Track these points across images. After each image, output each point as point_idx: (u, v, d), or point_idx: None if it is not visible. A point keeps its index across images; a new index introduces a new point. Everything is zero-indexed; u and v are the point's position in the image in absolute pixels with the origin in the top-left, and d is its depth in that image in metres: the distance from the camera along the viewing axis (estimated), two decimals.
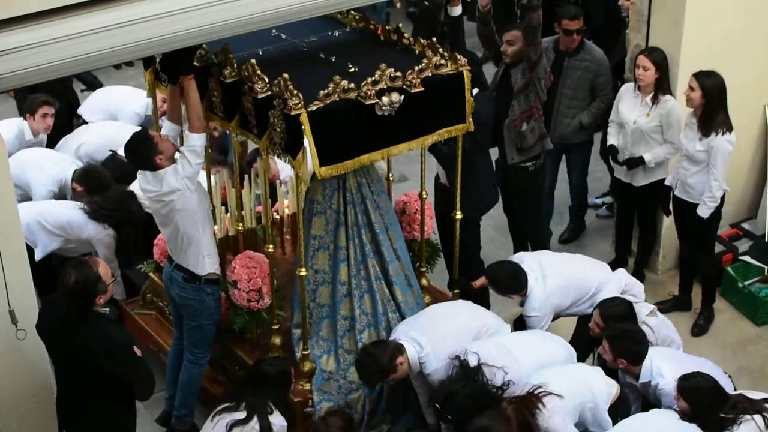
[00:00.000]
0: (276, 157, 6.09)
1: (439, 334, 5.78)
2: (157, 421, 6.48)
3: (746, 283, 7.58)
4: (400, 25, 5.97)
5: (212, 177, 6.45)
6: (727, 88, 6.77)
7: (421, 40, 5.78)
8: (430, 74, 5.52)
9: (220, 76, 5.61)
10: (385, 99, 5.34)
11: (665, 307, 7.36)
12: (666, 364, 5.63)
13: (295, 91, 5.15)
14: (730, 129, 6.80)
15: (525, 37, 6.85)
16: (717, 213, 7.10)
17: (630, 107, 7.29)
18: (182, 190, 5.58)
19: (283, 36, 6.03)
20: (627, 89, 7.39)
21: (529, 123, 7.03)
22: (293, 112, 5.14)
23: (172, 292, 6.00)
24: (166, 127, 5.94)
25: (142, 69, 10.82)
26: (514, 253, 7.90)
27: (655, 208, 7.68)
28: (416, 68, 5.46)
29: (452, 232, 6.46)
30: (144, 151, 5.64)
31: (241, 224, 6.40)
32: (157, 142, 5.65)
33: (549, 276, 6.25)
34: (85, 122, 8.61)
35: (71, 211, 7.06)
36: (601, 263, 6.63)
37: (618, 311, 5.95)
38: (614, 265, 7.68)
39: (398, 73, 5.39)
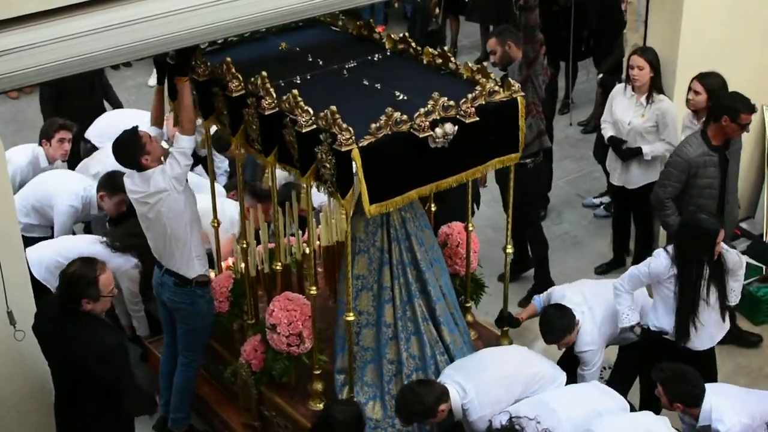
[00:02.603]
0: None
1: (487, 381, 5.46)
2: (155, 427, 6.42)
3: (745, 282, 7.26)
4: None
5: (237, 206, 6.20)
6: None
7: (469, 65, 5.44)
8: (483, 102, 5.16)
9: (258, 108, 5.24)
10: (438, 131, 4.97)
11: None
12: (727, 408, 5.28)
13: (345, 125, 4.77)
14: None
15: (523, 36, 6.85)
16: None
17: (624, 108, 7.30)
18: (169, 191, 5.58)
19: (320, 62, 5.66)
20: (619, 90, 7.40)
21: (527, 119, 6.84)
22: (344, 148, 4.77)
23: (163, 297, 5.99)
24: (151, 131, 5.87)
25: (139, 70, 10.90)
26: (515, 254, 7.75)
27: (651, 209, 7.54)
28: (470, 96, 5.09)
29: None
30: (131, 149, 5.64)
31: (279, 264, 5.99)
32: (145, 142, 5.64)
33: (595, 307, 5.99)
34: (93, 147, 8.19)
35: (92, 246, 6.68)
36: None
37: None
38: (612, 265, 8.06)
39: (451, 103, 5.02)
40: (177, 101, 5.66)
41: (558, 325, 5.89)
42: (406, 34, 5.89)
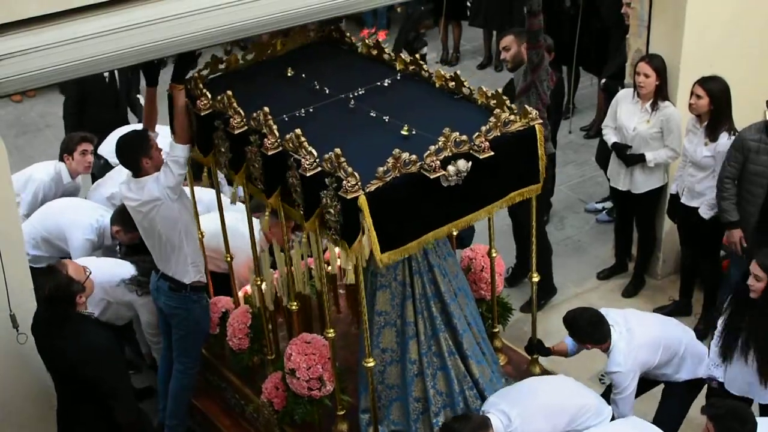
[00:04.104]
0: None
1: (532, 410, 5.26)
2: None
3: None
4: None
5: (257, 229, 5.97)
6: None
7: (484, 90, 5.13)
8: (498, 134, 4.86)
9: (261, 146, 4.98)
10: (451, 168, 4.66)
11: (665, 311, 7.17)
12: None
13: (350, 170, 4.49)
14: (735, 131, 6.72)
15: (527, 41, 6.78)
16: None
17: (629, 114, 7.25)
18: (163, 200, 5.54)
19: (327, 90, 5.39)
20: (625, 95, 7.35)
21: None
22: (350, 195, 4.49)
23: (159, 302, 5.98)
24: None
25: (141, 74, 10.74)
26: (517, 256, 7.91)
27: (653, 214, 7.68)
28: (483, 129, 4.78)
29: None
30: (135, 148, 5.59)
31: (295, 303, 5.75)
32: (153, 146, 5.61)
33: (635, 331, 5.70)
34: (107, 163, 7.98)
35: (112, 276, 6.38)
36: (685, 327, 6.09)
37: None
38: (614, 270, 8.01)
39: (464, 138, 4.72)
40: (173, 109, 5.51)
41: (586, 331, 5.66)
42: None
